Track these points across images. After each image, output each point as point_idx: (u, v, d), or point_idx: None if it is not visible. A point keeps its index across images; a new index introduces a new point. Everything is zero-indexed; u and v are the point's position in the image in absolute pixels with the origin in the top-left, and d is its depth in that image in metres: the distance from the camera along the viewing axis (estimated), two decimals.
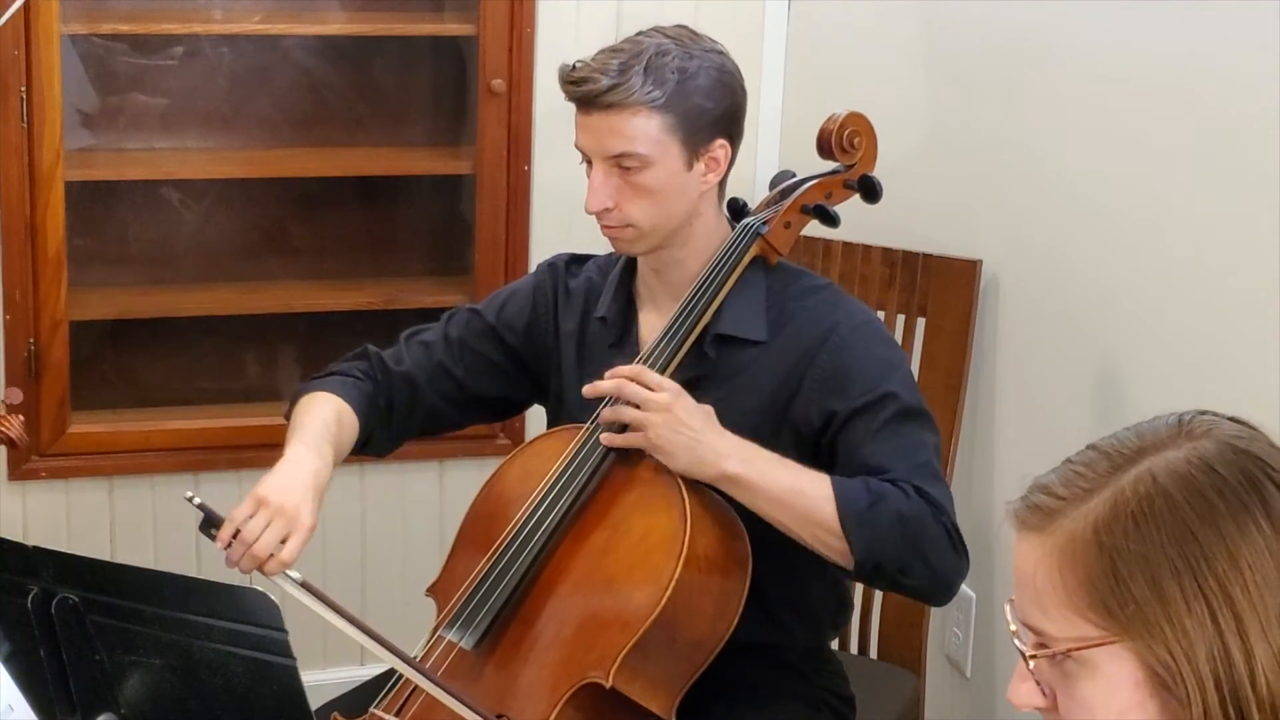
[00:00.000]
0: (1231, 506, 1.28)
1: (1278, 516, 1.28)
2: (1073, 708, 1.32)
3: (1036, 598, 1.32)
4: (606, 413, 2.28)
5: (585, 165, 2.33)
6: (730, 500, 2.27)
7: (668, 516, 2.21)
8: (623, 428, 2.26)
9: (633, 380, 2.24)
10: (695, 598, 2.20)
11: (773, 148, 3.48)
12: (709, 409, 2.25)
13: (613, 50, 2.29)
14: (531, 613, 2.26)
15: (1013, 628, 1.36)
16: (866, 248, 3.02)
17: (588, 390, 2.28)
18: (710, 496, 2.27)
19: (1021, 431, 2.94)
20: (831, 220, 2.44)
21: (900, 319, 2.99)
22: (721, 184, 2.39)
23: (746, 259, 2.36)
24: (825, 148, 2.45)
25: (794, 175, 2.48)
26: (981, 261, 2.94)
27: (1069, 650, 1.30)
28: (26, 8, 3.10)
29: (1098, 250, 2.69)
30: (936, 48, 3.13)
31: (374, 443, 2.48)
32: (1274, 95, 2.27)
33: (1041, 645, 1.32)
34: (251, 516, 2.16)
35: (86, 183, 3.42)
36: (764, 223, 2.39)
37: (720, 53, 2.34)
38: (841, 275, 3.02)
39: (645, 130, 2.26)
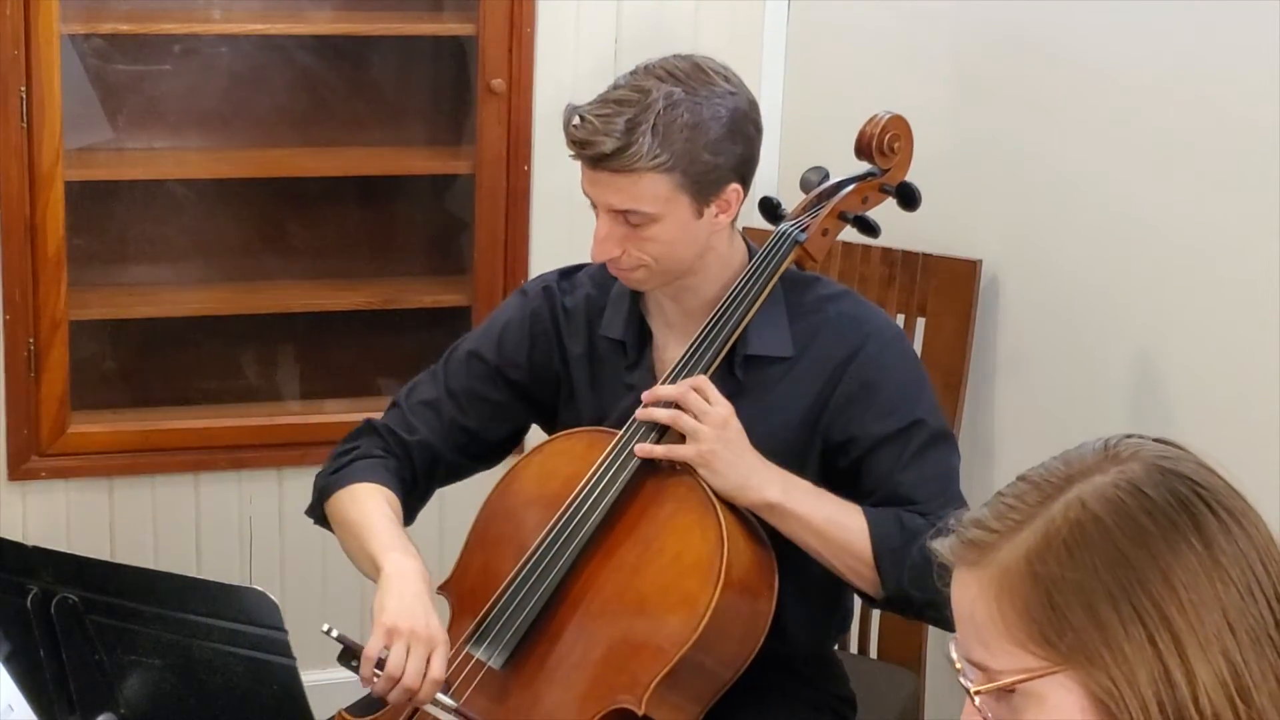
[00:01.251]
0: (1162, 527, 1.27)
1: (1209, 534, 1.28)
2: None
3: (977, 633, 1.32)
4: (662, 413, 2.20)
5: (593, 208, 2.27)
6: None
7: (703, 537, 2.18)
8: (660, 437, 2.22)
9: (696, 389, 2.21)
10: (729, 622, 2.18)
11: (772, 148, 3.48)
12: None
13: (619, 102, 2.18)
14: (559, 630, 2.22)
15: (958, 665, 1.34)
16: (866, 247, 3.02)
17: (648, 396, 2.22)
18: (742, 515, 2.23)
19: (1021, 431, 2.94)
20: (872, 230, 2.41)
21: (900, 319, 2.99)
22: (735, 218, 2.32)
23: (784, 267, 2.32)
24: (865, 150, 2.41)
25: (826, 173, 2.44)
26: (981, 261, 2.94)
27: (1013, 683, 1.29)
28: (26, 7, 3.10)
29: (1098, 250, 2.69)
30: (936, 48, 3.12)
31: (404, 514, 2.40)
32: (1274, 95, 2.27)
33: (986, 680, 1.31)
34: (387, 648, 2.11)
35: (86, 183, 3.41)
36: (802, 229, 2.34)
37: (733, 92, 2.22)
38: (841, 274, 3.02)
39: (653, 191, 2.18)
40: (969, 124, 3.03)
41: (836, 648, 2.70)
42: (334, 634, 2.08)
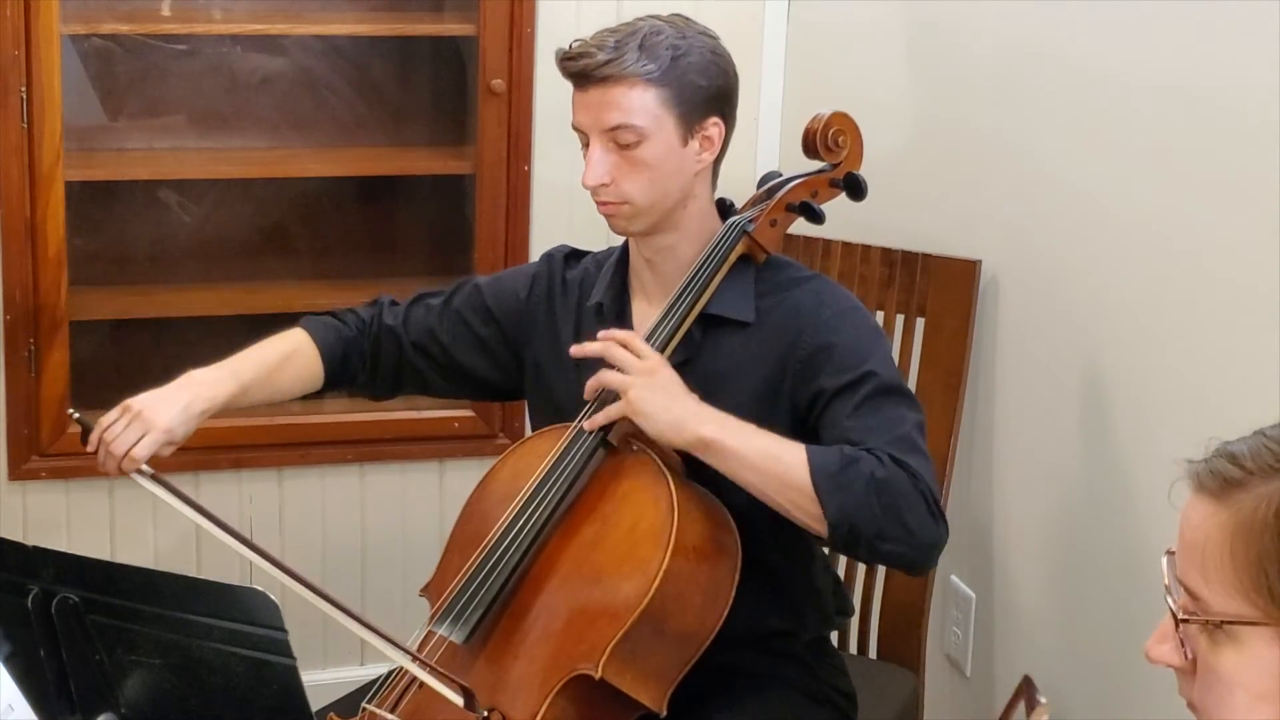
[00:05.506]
0: None
1: None
2: (1211, 677, 1.32)
3: (1201, 564, 1.31)
4: (591, 380, 2.31)
5: (583, 150, 2.36)
6: (717, 489, 2.29)
7: (655, 508, 2.23)
8: (601, 406, 2.30)
9: (623, 344, 2.29)
10: (684, 588, 2.22)
11: (772, 147, 3.49)
12: (685, 387, 2.30)
13: (609, 30, 2.35)
14: (521, 607, 2.27)
15: (1165, 582, 1.34)
16: (866, 248, 3.02)
17: (574, 350, 2.34)
18: (698, 489, 2.29)
19: (1021, 431, 2.94)
20: (817, 217, 2.46)
21: (900, 319, 2.99)
22: (715, 170, 2.42)
23: (733, 257, 2.39)
24: (810, 147, 2.47)
25: (781, 175, 2.50)
26: (981, 261, 2.95)
27: (1222, 622, 1.29)
28: (26, 7, 3.11)
29: (1097, 250, 2.69)
30: (936, 48, 3.13)
31: (360, 385, 2.63)
32: (1274, 95, 2.27)
33: (1194, 610, 1.32)
34: (115, 421, 2.35)
35: (86, 183, 3.42)
36: (750, 221, 2.41)
37: (712, 37, 2.39)
38: (841, 275, 3.02)
39: (641, 103, 2.30)
40: (968, 124, 3.03)
41: (836, 646, 2.70)
42: (75, 416, 2.45)
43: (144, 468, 2.34)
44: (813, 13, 3.45)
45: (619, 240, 2.57)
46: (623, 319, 2.46)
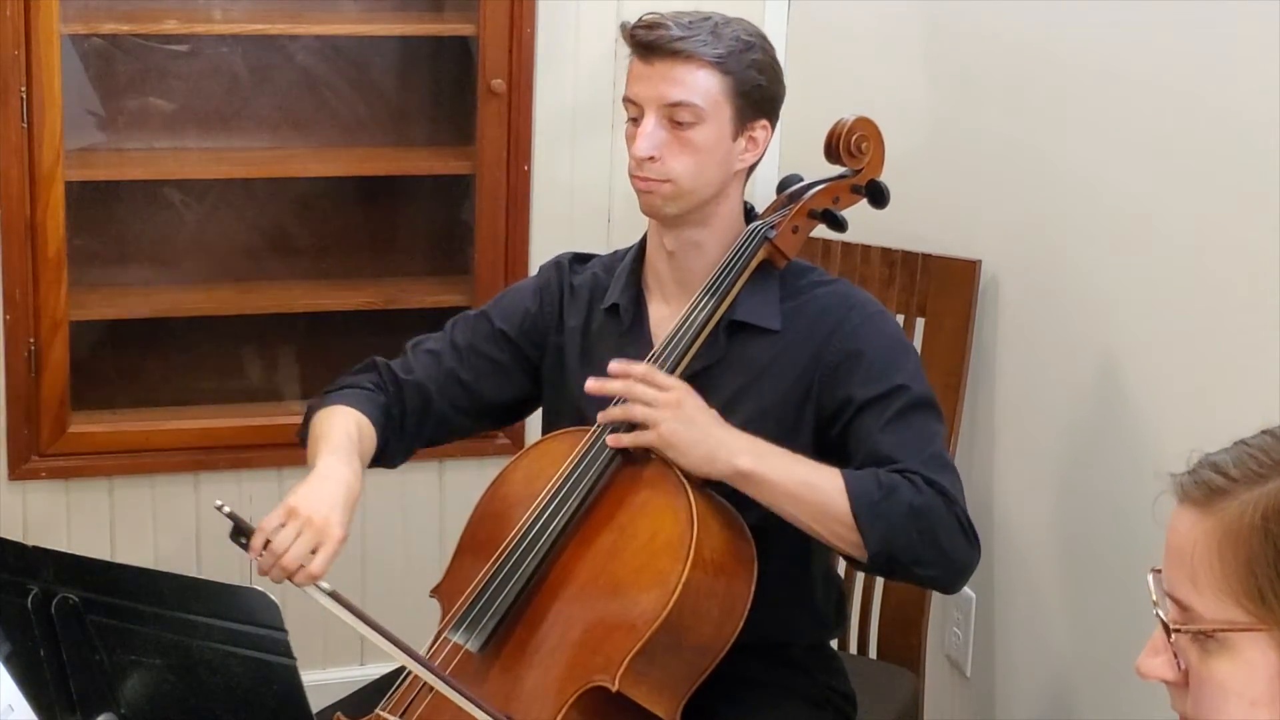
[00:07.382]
0: None
1: None
2: (1205, 687, 1.32)
3: (1190, 574, 1.31)
4: (615, 411, 2.27)
5: (630, 124, 2.36)
6: (736, 499, 2.27)
7: (674, 519, 2.21)
8: (630, 427, 2.26)
9: (643, 380, 2.25)
10: (702, 601, 2.20)
11: (772, 148, 3.48)
12: (713, 411, 2.27)
13: (678, 12, 2.35)
14: (537, 616, 2.25)
15: (1154, 597, 1.34)
16: (866, 248, 3.03)
17: (591, 386, 2.27)
18: (716, 499, 2.27)
19: (1021, 431, 2.94)
20: (839, 225, 2.44)
21: (900, 319, 2.99)
22: (749, 173, 2.42)
23: (754, 263, 2.37)
24: (832, 152, 2.44)
25: (801, 179, 2.48)
26: (981, 261, 2.95)
27: (1214, 630, 1.30)
28: (26, 7, 3.11)
29: (1097, 250, 2.69)
30: (937, 48, 3.13)
31: (388, 453, 2.47)
32: (1274, 95, 2.27)
33: (1185, 621, 1.32)
34: (282, 526, 2.15)
35: (86, 183, 3.42)
36: (771, 227, 2.39)
37: (771, 44, 2.41)
38: (841, 275, 3.00)
39: (706, 85, 2.31)
40: (970, 124, 3.03)
41: (836, 647, 2.70)
42: (226, 510, 2.11)
43: (321, 584, 2.16)
44: (813, 13, 3.45)
45: (620, 245, 2.56)
46: (639, 321, 2.44)
